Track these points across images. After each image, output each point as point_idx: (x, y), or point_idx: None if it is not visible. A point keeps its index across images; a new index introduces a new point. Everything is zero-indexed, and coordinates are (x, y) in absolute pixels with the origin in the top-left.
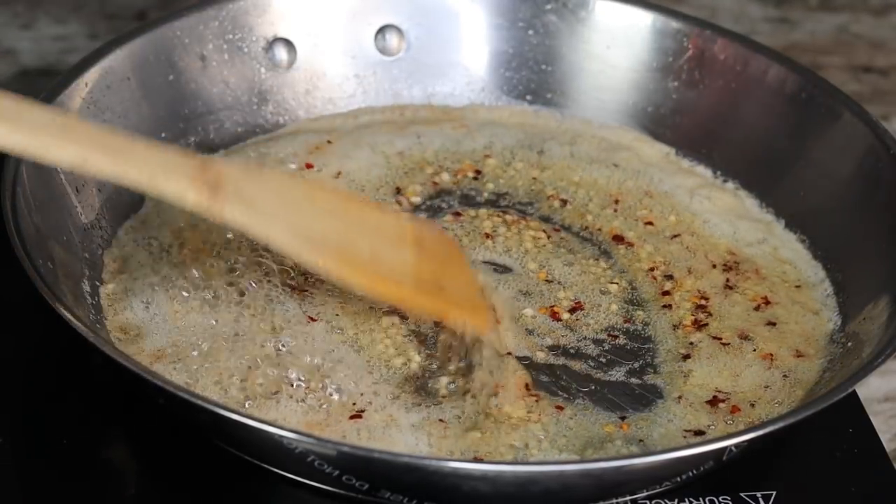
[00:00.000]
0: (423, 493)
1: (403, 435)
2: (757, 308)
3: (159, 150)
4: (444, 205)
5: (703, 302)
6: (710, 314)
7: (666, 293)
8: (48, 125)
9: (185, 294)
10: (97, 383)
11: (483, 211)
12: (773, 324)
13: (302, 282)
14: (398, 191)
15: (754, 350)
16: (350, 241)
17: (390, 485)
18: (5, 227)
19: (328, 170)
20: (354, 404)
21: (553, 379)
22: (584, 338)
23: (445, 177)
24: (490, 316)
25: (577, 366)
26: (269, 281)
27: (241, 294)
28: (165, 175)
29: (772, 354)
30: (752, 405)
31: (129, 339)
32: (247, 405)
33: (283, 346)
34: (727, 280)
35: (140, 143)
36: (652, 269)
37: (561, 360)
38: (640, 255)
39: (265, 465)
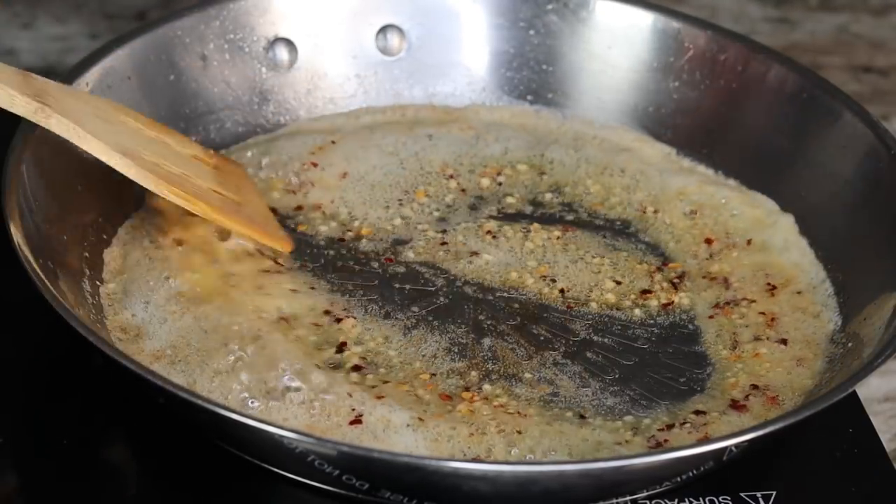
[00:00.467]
0: (423, 493)
1: (403, 437)
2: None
3: None
4: (456, 207)
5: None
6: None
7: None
8: None
9: (184, 295)
10: (97, 383)
11: (490, 212)
12: (779, 338)
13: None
14: (407, 193)
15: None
16: (162, 157)
17: (390, 485)
18: (5, 226)
19: (333, 170)
20: (353, 409)
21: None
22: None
23: (458, 181)
24: (284, 235)
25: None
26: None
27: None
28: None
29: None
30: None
31: (129, 338)
32: (249, 406)
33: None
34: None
35: None
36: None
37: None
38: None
39: (265, 465)
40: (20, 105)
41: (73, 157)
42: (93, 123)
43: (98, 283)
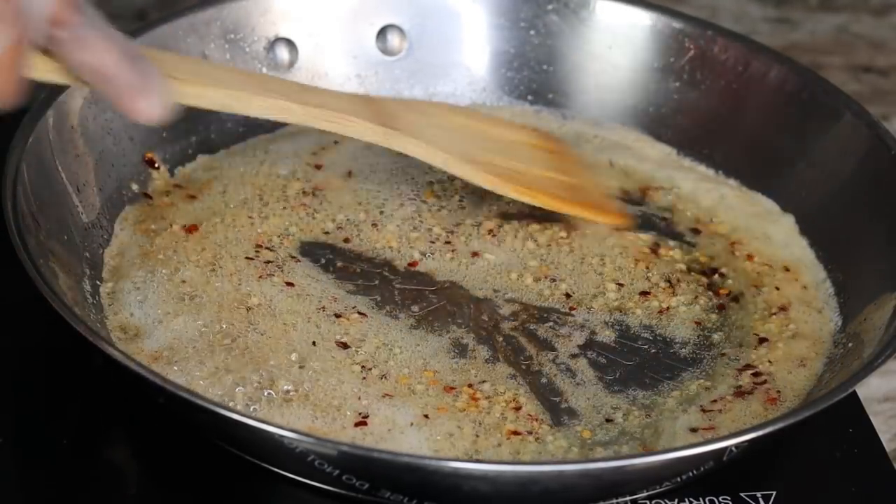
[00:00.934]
0: (423, 493)
1: (408, 438)
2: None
3: (332, 94)
4: (456, 206)
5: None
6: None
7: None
8: (246, 83)
9: (184, 294)
10: (97, 383)
11: (493, 211)
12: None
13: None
14: (409, 192)
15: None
16: (501, 154)
17: (390, 485)
18: (6, 226)
19: (337, 169)
20: (359, 412)
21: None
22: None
23: (459, 180)
24: (619, 211)
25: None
26: (269, 281)
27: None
28: (347, 120)
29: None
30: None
31: (129, 338)
32: (251, 407)
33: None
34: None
35: (320, 93)
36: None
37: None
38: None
39: (266, 465)
40: (370, 134)
41: (73, 157)
42: (434, 136)
43: (98, 282)
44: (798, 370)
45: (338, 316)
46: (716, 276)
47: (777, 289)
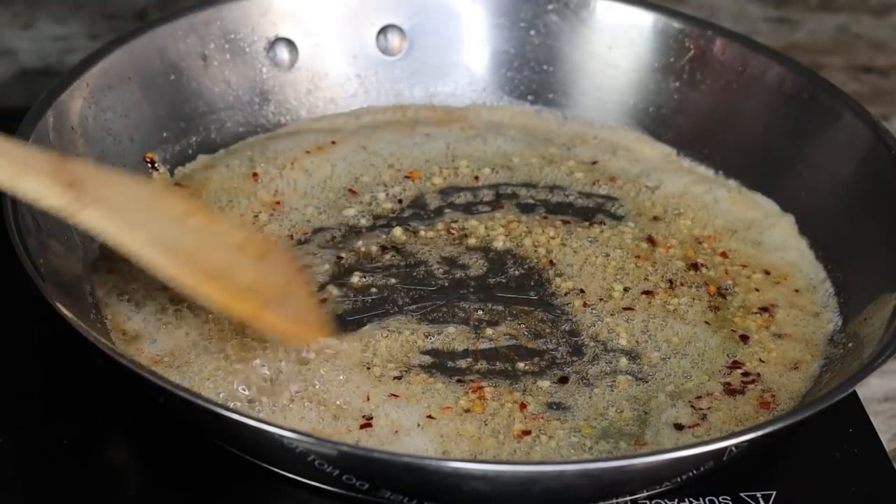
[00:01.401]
0: (423, 493)
1: (412, 440)
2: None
3: (17, 147)
4: (457, 202)
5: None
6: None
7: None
8: None
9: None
10: (97, 383)
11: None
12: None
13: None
14: (410, 189)
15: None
16: (202, 251)
17: (390, 485)
18: (6, 226)
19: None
20: (364, 415)
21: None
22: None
23: (458, 177)
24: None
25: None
26: None
27: None
28: (24, 174)
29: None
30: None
31: (129, 338)
32: (255, 408)
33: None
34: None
35: (3, 143)
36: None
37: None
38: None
39: (266, 466)
40: (52, 197)
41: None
42: (127, 215)
43: (98, 281)
44: (791, 373)
45: (343, 314)
46: (713, 274)
47: (757, 290)
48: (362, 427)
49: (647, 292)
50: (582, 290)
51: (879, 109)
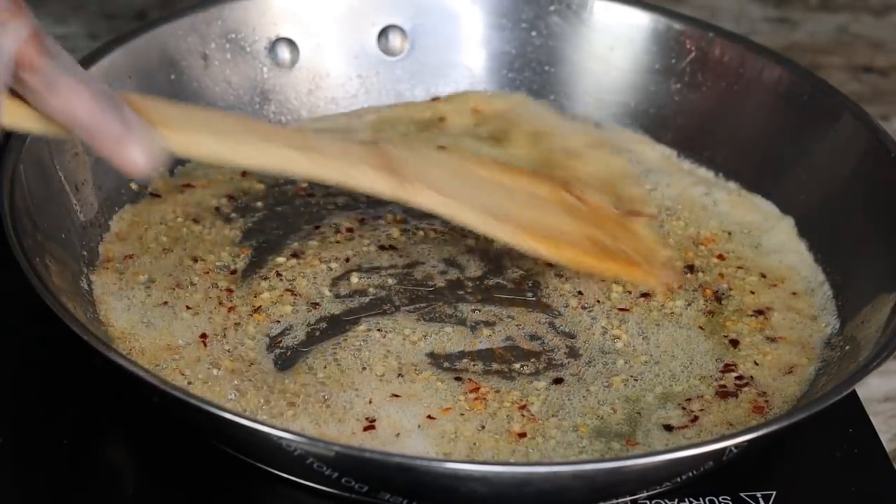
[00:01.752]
0: (421, 495)
1: (413, 441)
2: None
3: (339, 143)
4: None
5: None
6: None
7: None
8: (244, 132)
9: (183, 293)
10: (97, 383)
11: None
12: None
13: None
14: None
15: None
16: (525, 206)
17: (389, 486)
18: (3, 226)
19: None
20: (367, 417)
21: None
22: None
23: None
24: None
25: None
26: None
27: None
28: (355, 170)
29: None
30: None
31: (126, 338)
32: (259, 414)
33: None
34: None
35: (325, 141)
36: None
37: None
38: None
39: (264, 467)
40: (383, 185)
41: (72, 156)
42: (449, 186)
43: (95, 280)
44: (785, 377)
45: (340, 314)
46: (712, 276)
47: (753, 293)
48: (365, 430)
49: (645, 294)
50: (580, 292)
51: (879, 109)
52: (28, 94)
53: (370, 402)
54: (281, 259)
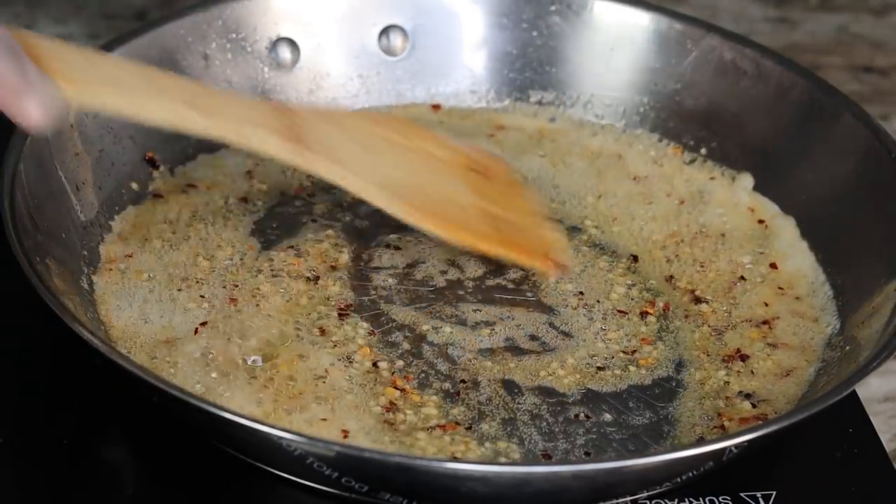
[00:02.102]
0: (422, 494)
1: (420, 442)
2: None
3: (240, 102)
4: None
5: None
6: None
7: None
8: (144, 86)
9: (183, 291)
10: (97, 383)
11: None
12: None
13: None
14: None
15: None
16: (424, 179)
17: (389, 486)
18: (3, 225)
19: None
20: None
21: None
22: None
23: None
24: (557, 255)
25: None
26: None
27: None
28: (253, 132)
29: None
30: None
31: (126, 337)
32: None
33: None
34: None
35: (229, 101)
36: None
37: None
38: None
39: (265, 467)
40: (279, 150)
41: (72, 156)
42: (351, 156)
43: (96, 280)
44: (784, 379)
45: (341, 315)
46: (712, 279)
47: (775, 291)
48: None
49: (647, 300)
50: (581, 293)
51: (879, 109)
52: None
53: (381, 398)
54: (283, 257)
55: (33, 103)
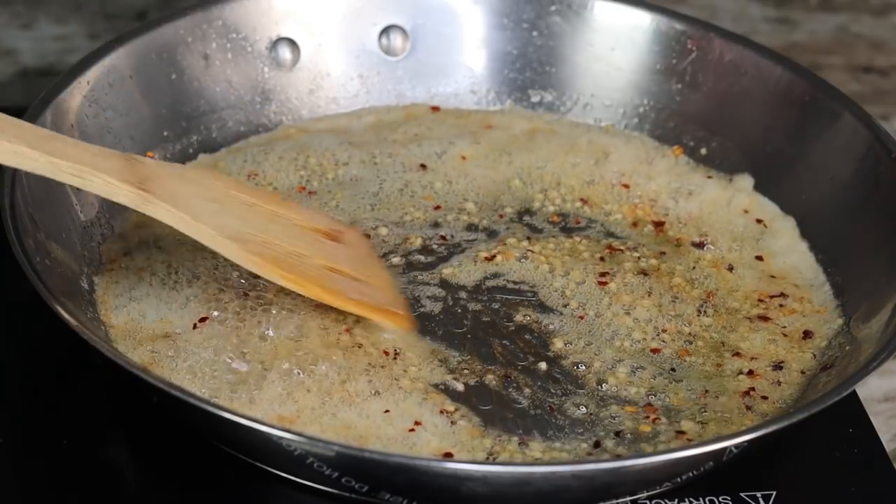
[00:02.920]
0: (422, 494)
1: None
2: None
3: (88, 148)
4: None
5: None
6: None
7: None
8: None
9: (183, 290)
10: (97, 383)
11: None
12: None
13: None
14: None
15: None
16: (274, 236)
17: (389, 486)
18: (3, 226)
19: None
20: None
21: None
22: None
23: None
24: (406, 313)
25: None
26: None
27: (244, 294)
28: (95, 172)
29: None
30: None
31: (127, 336)
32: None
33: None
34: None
35: (70, 141)
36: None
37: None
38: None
39: (264, 467)
40: (123, 194)
41: None
42: (198, 206)
43: (96, 280)
44: (785, 377)
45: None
46: (713, 281)
47: (774, 296)
48: (411, 430)
49: (647, 294)
50: (581, 293)
51: (879, 109)
52: None
53: (371, 380)
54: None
55: None
